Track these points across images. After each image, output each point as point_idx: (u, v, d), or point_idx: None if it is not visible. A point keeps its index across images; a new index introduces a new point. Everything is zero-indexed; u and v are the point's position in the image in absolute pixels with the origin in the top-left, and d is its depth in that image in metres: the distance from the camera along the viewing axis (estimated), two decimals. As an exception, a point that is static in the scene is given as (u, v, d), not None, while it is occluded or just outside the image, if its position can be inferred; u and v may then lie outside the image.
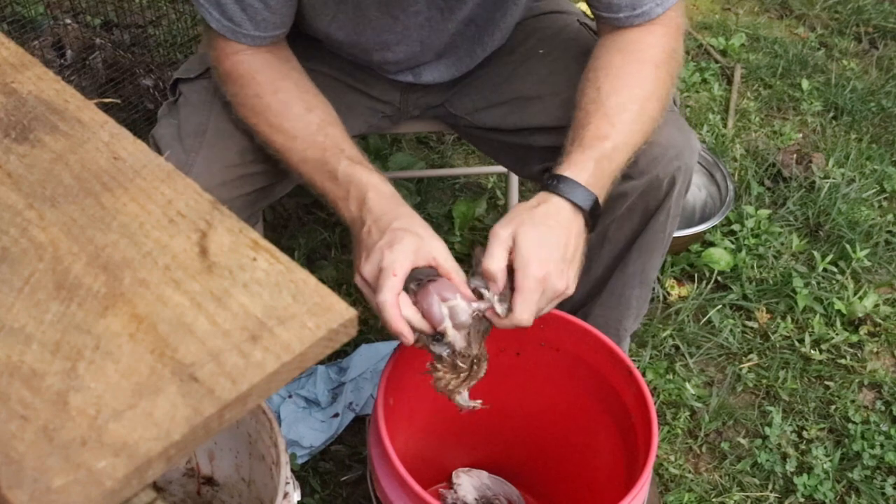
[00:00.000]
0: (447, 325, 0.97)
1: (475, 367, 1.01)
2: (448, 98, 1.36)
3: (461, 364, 1.00)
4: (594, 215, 1.04)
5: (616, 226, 1.24)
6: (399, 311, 0.95)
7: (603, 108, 1.06)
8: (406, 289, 0.97)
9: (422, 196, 1.99)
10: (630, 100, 1.07)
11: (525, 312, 0.97)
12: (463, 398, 1.04)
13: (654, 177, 1.16)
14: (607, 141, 1.04)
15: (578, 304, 1.34)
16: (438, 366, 1.01)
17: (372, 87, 1.34)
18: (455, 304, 0.96)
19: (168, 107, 1.25)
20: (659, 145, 1.15)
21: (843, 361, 1.75)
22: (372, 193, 1.03)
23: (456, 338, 0.98)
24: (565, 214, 1.01)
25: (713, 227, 1.90)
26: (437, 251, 0.99)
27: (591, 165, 1.03)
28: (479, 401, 1.05)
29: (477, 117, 1.35)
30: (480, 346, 1.01)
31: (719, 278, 1.88)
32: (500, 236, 0.98)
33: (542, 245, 0.98)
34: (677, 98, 1.27)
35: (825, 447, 1.60)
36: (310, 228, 1.92)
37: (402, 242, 0.97)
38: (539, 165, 1.26)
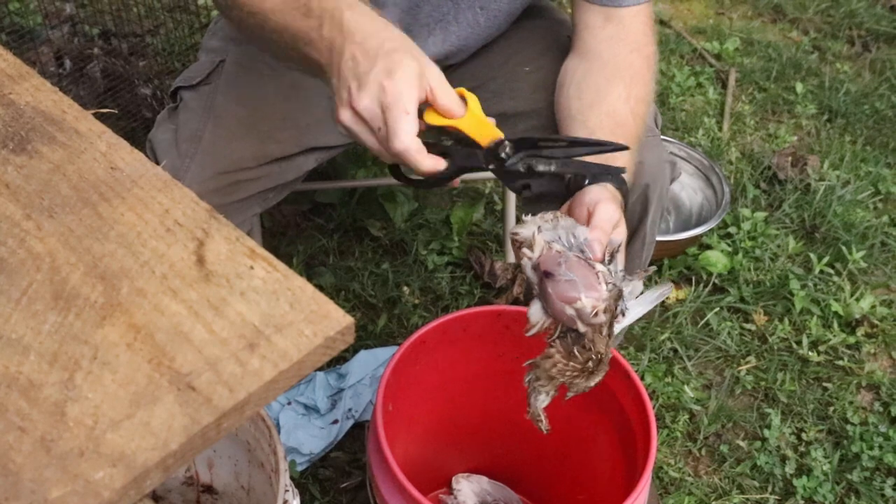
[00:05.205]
0: (578, 324, 0.90)
1: (592, 366, 0.93)
2: None
3: (577, 356, 0.92)
4: None
5: None
6: (424, 151, 0.84)
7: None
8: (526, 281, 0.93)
9: (419, 202, 1.99)
10: None
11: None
12: (541, 401, 0.97)
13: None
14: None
15: None
16: (556, 344, 0.92)
17: None
18: (582, 306, 0.89)
19: (168, 112, 1.25)
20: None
21: (840, 363, 1.75)
22: (349, 13, 0.86)
23: (588, 329, 0.91)
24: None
25: (710, 230, 1.90)
26: (434, 78, 0.86)
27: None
28: (547, 423, 1.00)
29: None
30: (606, 346, 0.93)
31: (716, 281, 1.89)
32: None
33: None
34: (658, 119, 1.28)
35: (824, 449, 1.60)
36: (308, 235, 1.92)
37: (403, 69, 0.82)
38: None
